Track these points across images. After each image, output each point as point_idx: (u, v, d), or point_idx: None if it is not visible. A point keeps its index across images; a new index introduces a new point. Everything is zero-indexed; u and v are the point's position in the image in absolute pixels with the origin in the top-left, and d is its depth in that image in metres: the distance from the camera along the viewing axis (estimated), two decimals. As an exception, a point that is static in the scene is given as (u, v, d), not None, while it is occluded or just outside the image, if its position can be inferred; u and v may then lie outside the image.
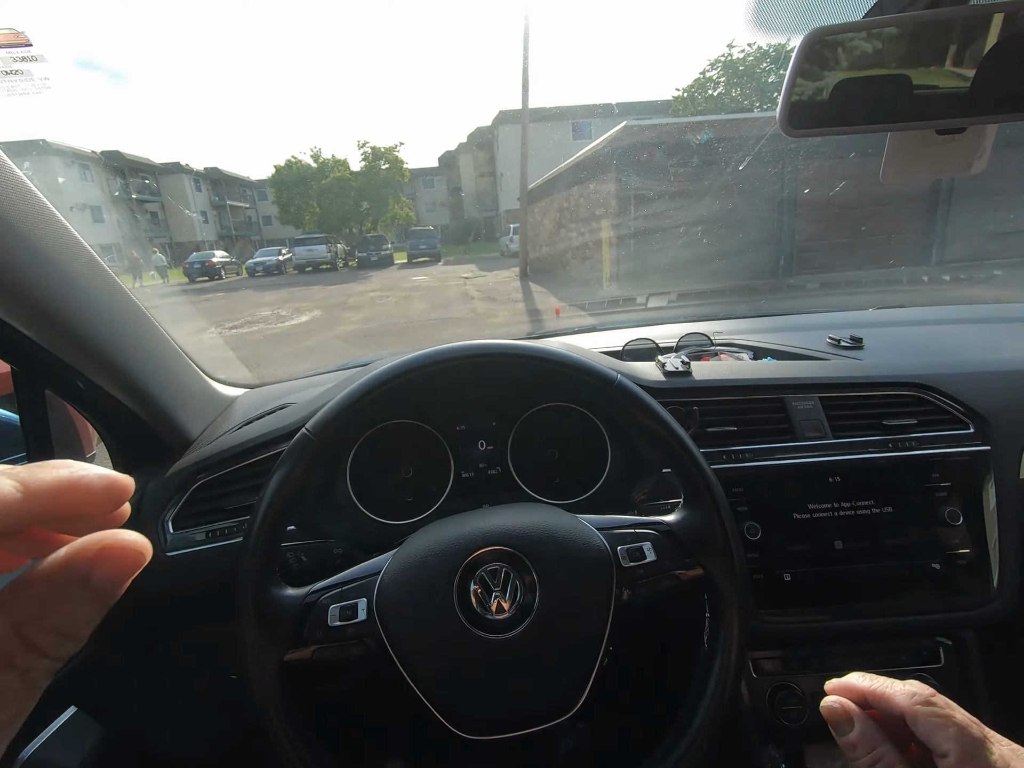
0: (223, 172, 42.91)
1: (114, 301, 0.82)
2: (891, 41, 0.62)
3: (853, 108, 0.62)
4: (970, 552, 0.90)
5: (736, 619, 0.64)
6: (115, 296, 0.82)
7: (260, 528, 0.63)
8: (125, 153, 33.89)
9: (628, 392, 0.70)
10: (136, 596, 0.89)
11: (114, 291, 0.82)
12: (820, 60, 0.62)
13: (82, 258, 0.75)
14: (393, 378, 0.67)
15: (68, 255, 0.73)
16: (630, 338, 1.33)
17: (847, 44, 0.62)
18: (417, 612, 0.61)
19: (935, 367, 1.02)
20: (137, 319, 0.88)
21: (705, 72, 26.82)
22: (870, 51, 0.62)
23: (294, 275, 23.50)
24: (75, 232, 0.74)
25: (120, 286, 0.84)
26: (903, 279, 2.74)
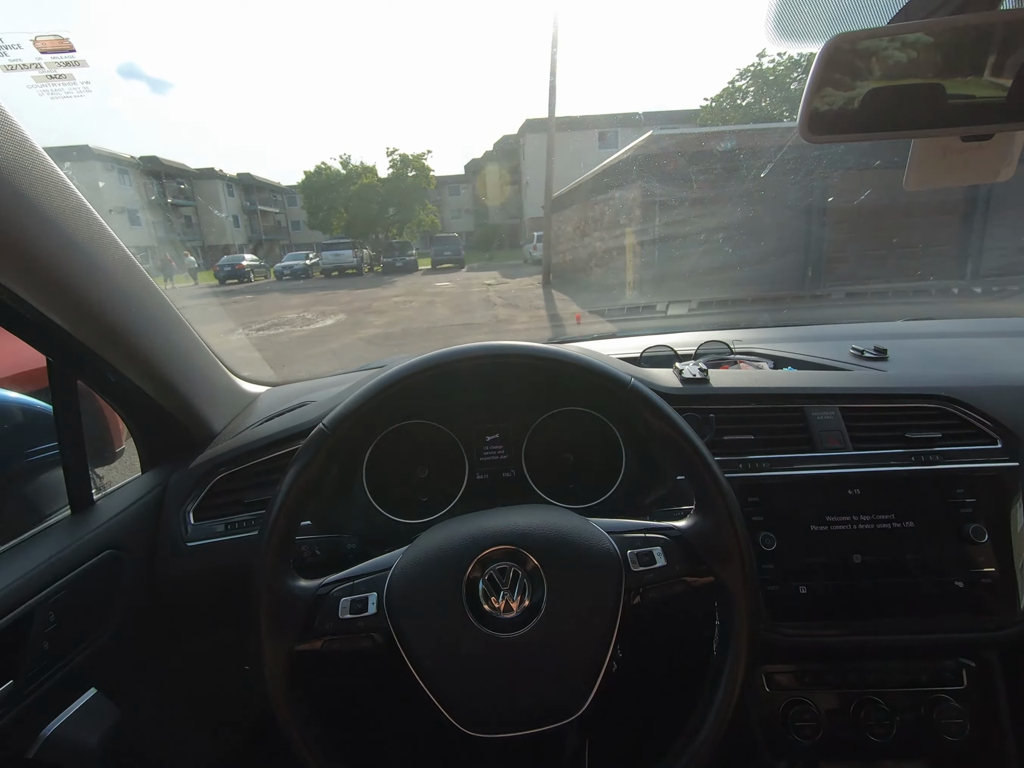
0: (255, 178, 44.02)
1: (146, 298, 0.86)
2: (917, 47, 0.61)
3: (876, 114, 0.62)
4: (995, 571, 0.87)
5: (746, 628, 0.64)
6: (147, 293, 0.86)
7: (276, 520, 0.64)
8: (162, 159, 35.00)
9: (641, 395, 0.70)
10: (156, 583, 0.92)
11: (146, 288, 0.85)
12: (842, 67, 0.61)
13: (117, 256, 0.79)
14: (409, 376, 0.69)
15: (104, 252, 0.76)
16: (648, 345, 1.32)
17: (871, 50, 0.61)
18: (426, 607, 0.62)
19: (962, 380, 1.00)
20: (167, 316, 0.92)
21: (734, 82, 26.65)
22: (896, 58, 0.62)
23: (320, 279, 23.92)
24: (111, 231, 0.77)
25: (152, 284, 0.87)
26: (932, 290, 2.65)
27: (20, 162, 0.61)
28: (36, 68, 0.67)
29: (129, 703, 0.85)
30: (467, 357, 0.71)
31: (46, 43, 0.66)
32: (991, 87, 0.61)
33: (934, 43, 0.61)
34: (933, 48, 0.61)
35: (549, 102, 13.45)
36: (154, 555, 0.93)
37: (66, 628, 0.76)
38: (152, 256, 26.16)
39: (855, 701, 0.92)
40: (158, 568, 0.93)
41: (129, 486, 0.97)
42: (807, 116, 0.62)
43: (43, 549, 0.77)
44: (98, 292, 0.74)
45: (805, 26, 0.66)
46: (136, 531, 0.91)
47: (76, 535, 0.81)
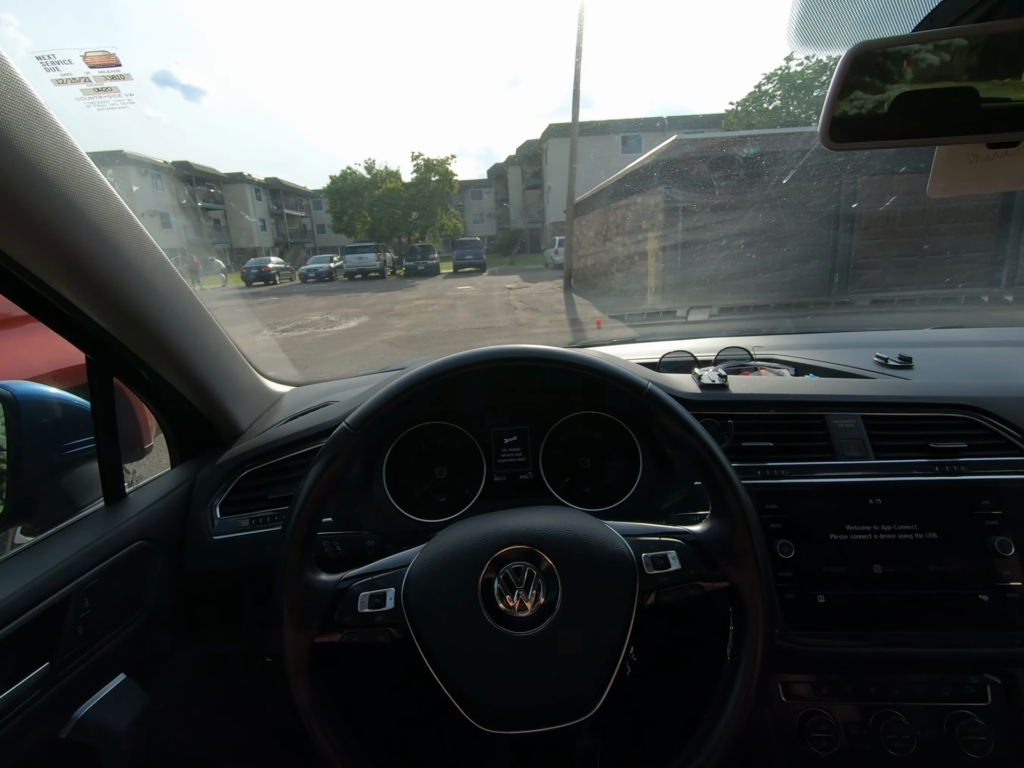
0: (282, 182, 44.93)
1: (180, 300, 0.89)
2: (943, 54, 0.61)
3: (899, 122, 0.61)
4: (1022, 585, 0.85)
5: (760, 634, 0.64)
6: (181, 296, 0.89)
7: (299, 515, 0.66)
8: (194, 163, 35.97)
9: (658, 400, 0.70)
10: (184, 574, 0.95)
11: (181, 291, 0.89)
12: (865, 74, 0.61)
13: (155, 259, 0.82)
14: (430, 377, 0.70)
15: (143, 256, 0.80)
16: (668, 350, 1.32)
17: (895, 57, 0.61)
18: (442, 604, 0.64)
19: (989, 390, 0.98)
20: (199, 317, 0.95)
21: (760, 85, 26.36)
22: (921, 64, 0.62)
23: (344, 282, 24.28)
24: (149, 235, 0.81)
25: (186, 287, 0.91)
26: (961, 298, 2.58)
27: (70, 171, 0.64)
28: (85, 82, 0.71)
29: (156, 689, 0.88)
30: (488, 360, 0.72)
31: (94, 58, 0.70)
32: (1020, 93, 0.60)
33: (960, 49, 0.61)
34: (959, 54, 0.61)
35: (573, 108, 13.47)
36: (182, 547, 0.96)
37: (99, 614, 0.79)
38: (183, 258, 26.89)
39: (874, 714, 0.90)
40: (186, 559, 0.96)
41: (160, 480, 1.01)
42: (828, 123, 0.62)
43: (79, 538, 0.80)
44: (136, 294, 0.78)
45: (829, 33, 0.66)
46: (166, 523, 0.94)
47: (110, 526, 0.85)
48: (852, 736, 0.90)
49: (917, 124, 0.61)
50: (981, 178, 0.66)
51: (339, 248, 33.26)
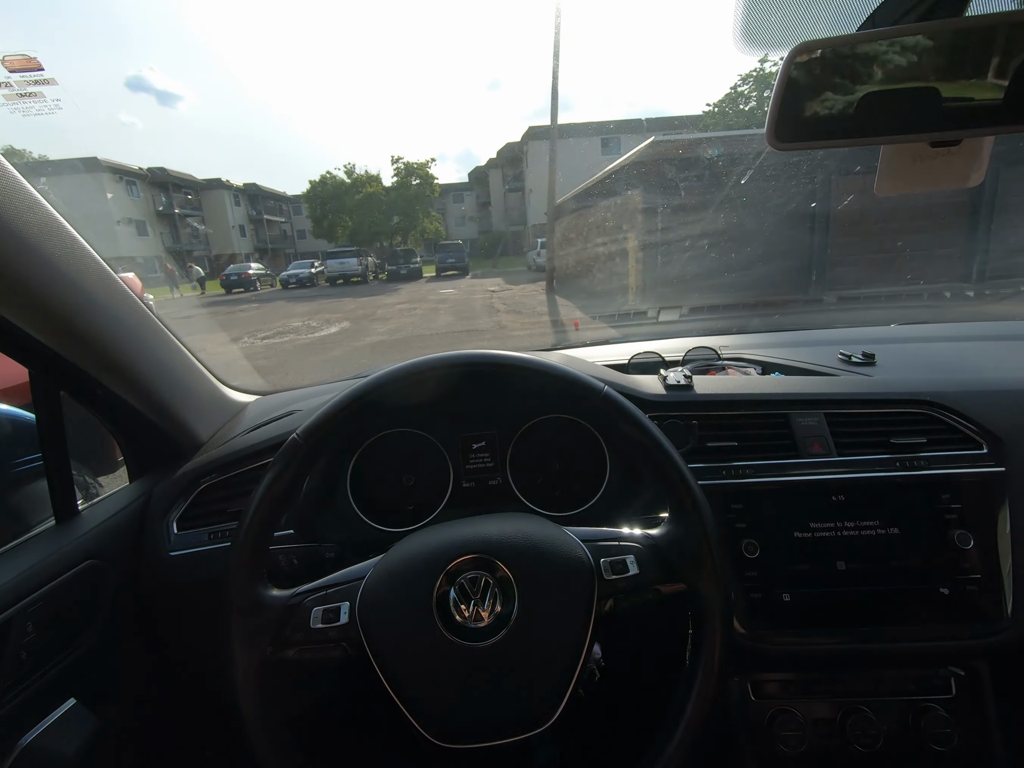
0: (261, 188, 44.49)
1: (124, 310, 0.87)
2: (883, 55, 0.62)
3: (842, 122, 0.61)
4: (981, 577, 0.86)
5: (718, 636, 0.63)
6: (125, 305, 0.87)
7: (248, 530, 0.65)
8: (170, 169, 35.45)
9: (614, 403, 0.69)
10: (140, 593, 0.93)
11: (124, 300, 0.86)
12: (808, 74, 0.61)
13: (90, 267, 0.80)
14: (379, 386, 0.69)
15: (76, 264, 0.77)
16: (638, 351, 1.32)
17: (837, 58, 0.62)
18: (396, 617, 0.62)
19: (948, 385, 0.99)
20: (148, 327, 0.93)
21: (736, 87, 26.73)
22: (861, 65, 0.62)
23: (325, 287, 24.09)
24: (84, 243, 0.78)
25: (131, 296, 0.88)
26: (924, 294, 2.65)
27: None
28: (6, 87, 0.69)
29: (109, 713, 0.85)
30: (439, 366, 0.71)
31: (14, 62, 0.68)
32: (958, 93, 0.61)
33: (902, 50, 0.61)
34: (901, 55, 0.61)
35: (552, 110, 13.51)
36: (137, 565, 0.94)
37: (44, 639, 0.76)
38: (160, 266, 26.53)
39: (842, 710, 0.91)
40: (141, 578, 0.93)
41: (114, 496, 0.98)
42: (774, 123, 0.62)
43: (23, 560, 0.78)
44: (72, 305, 0.75)
45: (773, 34, 0.66)
46: (119, 541, 0.92)
47: (58, 545, 0.82)
48: (820, 733, 0.91)
49: (860, 124, 0.61)
50: (925, 177, 0.67)
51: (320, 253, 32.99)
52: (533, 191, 31.10)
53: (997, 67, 0.58)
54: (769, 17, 0.64)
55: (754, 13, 0.65)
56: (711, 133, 15.81)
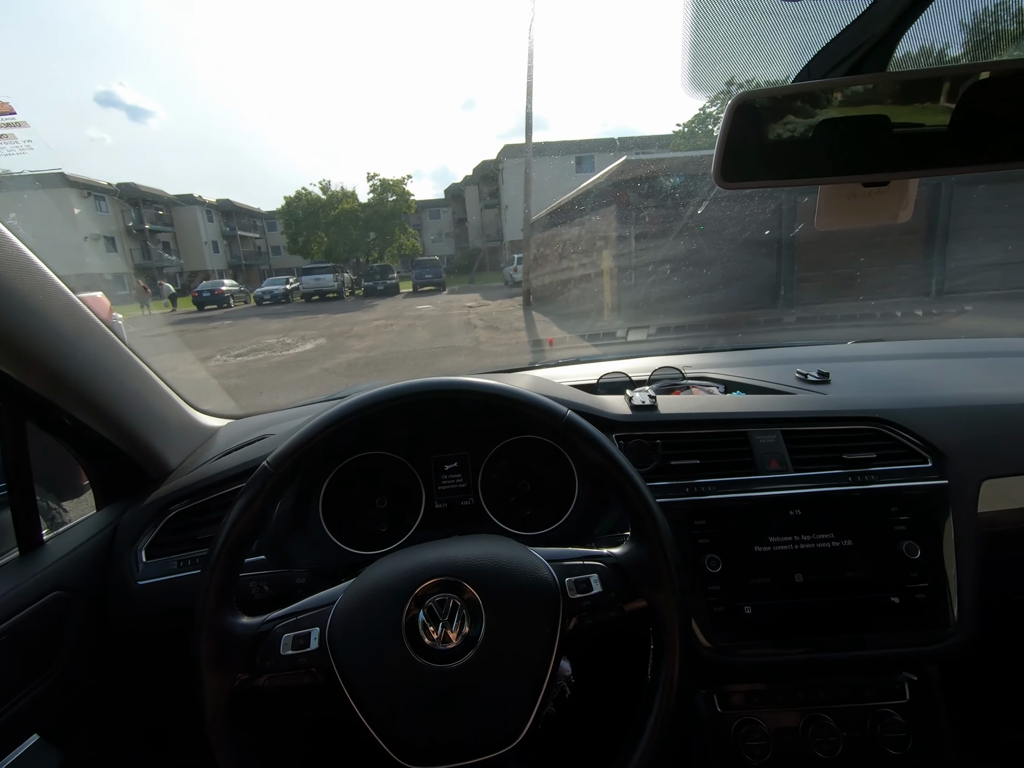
0: (234, 204, 44.04)
1: (89, 336, 0.87)
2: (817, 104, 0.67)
3: (781, 164, 0.66)
4: (929, 586, 0.90)
5: (677, 652, 0.66)
6: (90, 332, 0.87)
7: (218, 558, 0.65)
8: (140, 185, 34.90)
9: (577, 428, 0.72)
10: (107, 624, 0.91)
11: (89, 327, 0.86)
12: (749, 121, 0.66)
13: (54, 295, 0.80)
14: (351, 414, 0.70)
15: (38, 292, 0.77)
16: (607, 371, 1.36)
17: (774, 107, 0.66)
18: (366, 641, 0.63)
19: (895, 402, 1.04)
20: (113, 353, 0.92)
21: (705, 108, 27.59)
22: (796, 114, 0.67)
23: (301, 304, 23.86)
24: (46, 268, 0.79)
25: (96, 322, 0.88)
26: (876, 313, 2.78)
27: None
28: (-23, 131, 0.69)
29: (75, 748, 0.83)
30: (411, 392, 0.73)
31: (-12, 106, 0.69)
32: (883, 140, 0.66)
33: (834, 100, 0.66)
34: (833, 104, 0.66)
35: (526, 129, 13.76)
36: (104, 595, 0.92)
37: (6, 673, 0.75)
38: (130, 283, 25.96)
39: (804, 719, 0.94)
40: (109, 608, 0.92)
41: (81, 525, 0.96)
42: (720, 165, 0.67)
43: None
44: (35, 333, 0.75)
45: (717, 80, 0.71)
46: (86, 571, 0.90)
47: (21, 577, 0.81)
48: (783, 742, 0.93)
49: (798, 166, 0.66)
50: (859, 213, 0.72)
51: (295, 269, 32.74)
52: (509, 208, 31.45)
53: (921, 114, 0.64)
54: (713, 66, 0.69)
55: (700, 61, 0.69)
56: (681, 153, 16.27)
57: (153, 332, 3.92)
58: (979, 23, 0.66)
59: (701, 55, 0.69)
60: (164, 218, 37.63)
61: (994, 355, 1.45)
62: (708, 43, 0.69)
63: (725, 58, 0.69)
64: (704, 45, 0.70)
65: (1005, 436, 1.01)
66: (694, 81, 0.71)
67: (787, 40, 0.72)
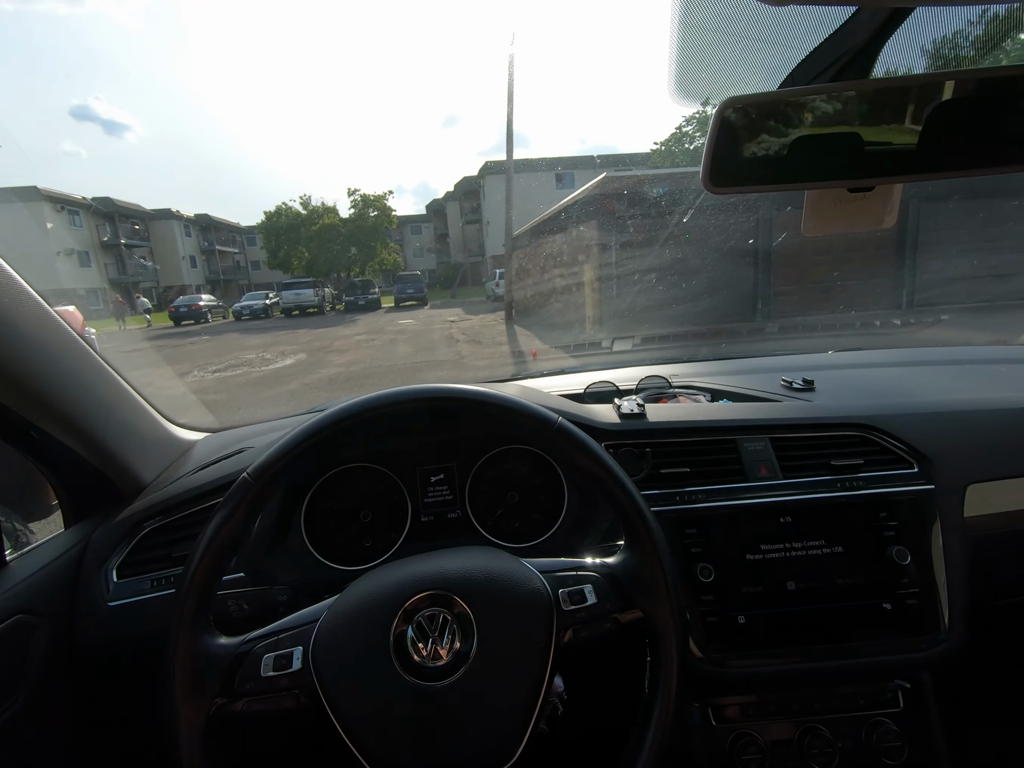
0: (213, 218, 43.64)
1: (61, 347, 0.83)
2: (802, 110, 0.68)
3: (768, 169, 0.67)
4: (919, 591, 0.90)
5: (674, 663, 0.64)
6: (62, 343, 0.83)
7: (194, 576, 0.62)
8: (116, 199, 34.39)
9: (568, 435, 0.71)
10: (75, 648, 0.86)
11: (61, 338, 0.83)
12: (735, 126, 0.67)
13: (25, 305, 0.76)
14: (334, 423, 0.68)
15: (9, 301, 0.74)
16: (593, 380, 1.35)
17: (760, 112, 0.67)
18: (352, 660, 0.60)
19: (881, 408, 1.05)
20: (86, 365, 0.89)
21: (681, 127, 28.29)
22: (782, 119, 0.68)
23: (281, 319, 23.62)
24: (18, 277, 0.75)
25: (69, 333, 0.85)
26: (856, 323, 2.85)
27: None
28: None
29: None
30: (395, 401, 0.71)
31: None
32: (871, 144, 0.67)
33: (818, 105, 0.67)
34: (818, 110, 0.67)
35: (507, 147, 13.94)
36: (72, 618, 0.88)
37: None
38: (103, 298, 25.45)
39: (799, 730, 0.93)
40: (77, 632, 0.87)
41: (47, 544, 0.92)
42: (708, 170, 0.67)
43: None
44: (3, 343, 0.72)
45: (704, 87, 0.72)
46: (52, 593, 0.86)
47: None
48: (779, 755, 0.92)
49: (784, 171, 0.67)
50: (845, 218, 0.73)
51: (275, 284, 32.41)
52: (491, 223, 31.71)
53: (903, 121, 0.65)
54: (700, 73, 0.70)
55: (686, 69, 0.70)
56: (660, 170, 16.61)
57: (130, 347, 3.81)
58: (958, 33, 0.67)
59: (687, 63, 0.69)
60: (141, 233, 37.10)
61: (971, 363, 1.48)
62: (694, 50, 0.70)
63: (711, 66, 0.70)
64: (690, 52, 0.70)
65: (987, 441, 1.02)
66: (680, 89, 0.71)
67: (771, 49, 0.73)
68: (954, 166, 0.66)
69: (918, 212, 9.68)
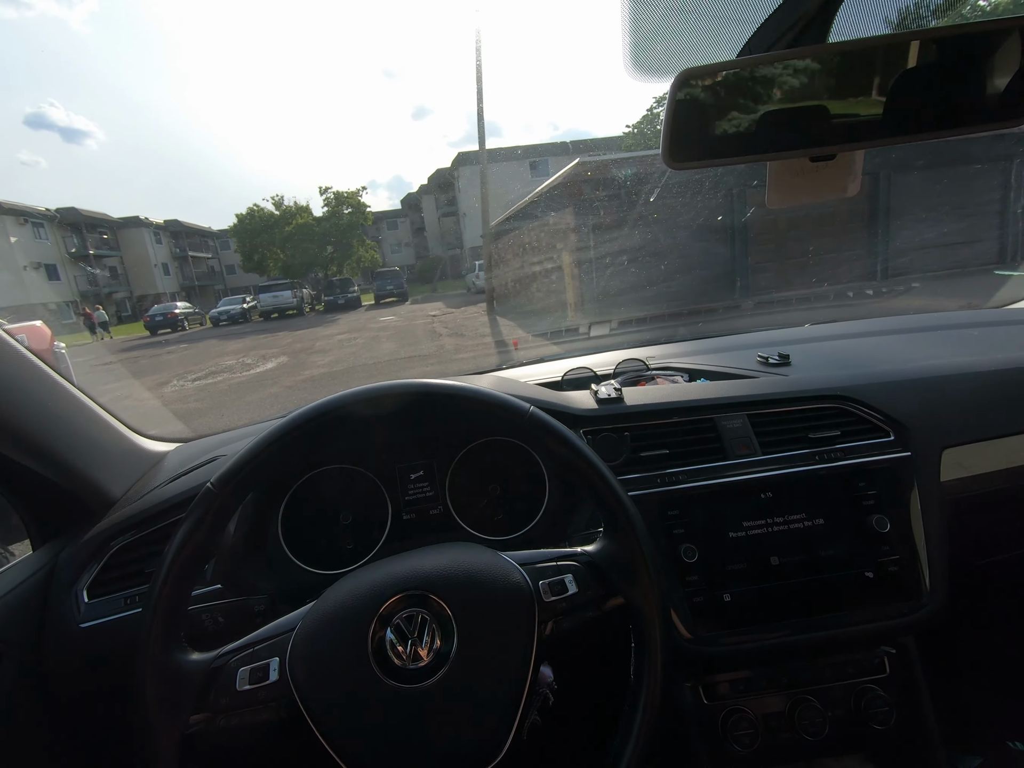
0: (183, 224, 42.75)
1: (11, 364, 0.80)
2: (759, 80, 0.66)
3: (727, 142, 0.66)
4: (900, 558, 0.91)
5: (659, 646, 0.63)
6: (12, 359, 0.80)
7: (161, 592, 0.60)
8: (82, 209, 33.51)
9: (541, 424, 0.69)
10: (45, 675, 0.84)
11: (11, 354, 0.79)
12: (693, 99, 0.65)
13: None
14: (299, 426, 0.66)
15: None
16: (571, 367, 1.34)
17: (718, 83, 0.66)
18: (330, 667, 0.59)
19: (855, 379, 1.06)
20: (40, 380, 0.85)
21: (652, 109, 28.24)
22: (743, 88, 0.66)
23: (260, 322, 23.28)
24: None
25: (18, 349, 0.81)
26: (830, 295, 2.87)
27: None
28: None
29: None
30: (362, 399, 0.69)
31: None
32: (832, 111, 0.66)
33: (776, 74, 0.66)
34: (775, 79, 0.66)
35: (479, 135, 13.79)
36: (40, 643, 0.85)
37: None
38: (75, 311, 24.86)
39: (789, 702, 0.93)
40: (46, 657, 0.84)
41: (12, 569, 0.88)
42: (667, 145, 0.65)
43: None
44: None
45: (659, 61, 0.70)
46: (19, 619, 0.83)
47: None
48: (771, 728, 0.92)
49: (744, 143, 0.65)
50: (808, 189, 0.72)
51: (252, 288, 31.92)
52: (467, 215, 31.48)
53: (862, 87, 0.64)
54: (654, 46, 0.68)
55: (639, 42, 0.68)
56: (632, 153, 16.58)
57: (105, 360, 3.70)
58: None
59: (642, 37, 0.67)
60: (109, 242, 36.23)
61: (943, 328, 1.49)
62: (647, 24, 0.68)
63: (666, 38, 0.68)
64: (644, 26, 0.68)
65: (961, 405, 1.03)
66: (636, 63, 0.70)
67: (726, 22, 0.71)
68: (914, 129, 0.65)
69: (889, 181, 9.79)
